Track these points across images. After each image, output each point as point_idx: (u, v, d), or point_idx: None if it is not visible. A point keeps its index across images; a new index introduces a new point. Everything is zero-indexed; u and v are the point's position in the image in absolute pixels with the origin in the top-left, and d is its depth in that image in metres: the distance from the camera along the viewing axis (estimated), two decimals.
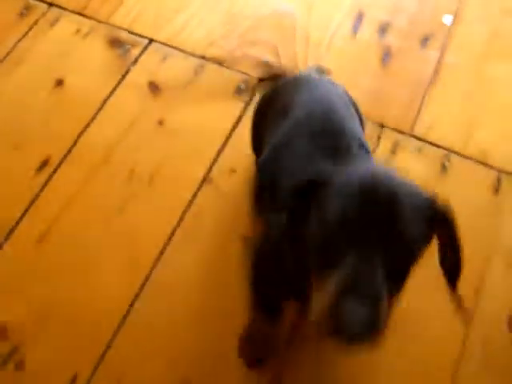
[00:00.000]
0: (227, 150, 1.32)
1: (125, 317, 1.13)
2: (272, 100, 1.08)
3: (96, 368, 1.08)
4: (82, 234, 1.20)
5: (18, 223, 1.21)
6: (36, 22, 1.48)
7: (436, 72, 1.47)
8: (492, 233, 1.24)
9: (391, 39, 1.52)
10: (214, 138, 1.33)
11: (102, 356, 1.09)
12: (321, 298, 0.63)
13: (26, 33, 1.46)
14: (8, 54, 1.43)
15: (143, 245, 1.19)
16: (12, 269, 1.16)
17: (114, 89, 1.39)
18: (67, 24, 1.49)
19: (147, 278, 1.16)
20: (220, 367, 1.07)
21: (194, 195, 1.25)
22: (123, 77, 1.42)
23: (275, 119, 0.97)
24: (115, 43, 1.47)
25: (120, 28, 1.50)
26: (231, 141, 1.33)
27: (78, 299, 1.14)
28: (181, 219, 1.22)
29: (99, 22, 1.51)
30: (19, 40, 1.45)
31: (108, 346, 1.10)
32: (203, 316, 1.13)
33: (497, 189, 1.29)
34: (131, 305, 1.14)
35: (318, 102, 0.94)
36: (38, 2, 1.52)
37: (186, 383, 1.06)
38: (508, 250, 1.22)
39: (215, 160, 1.30)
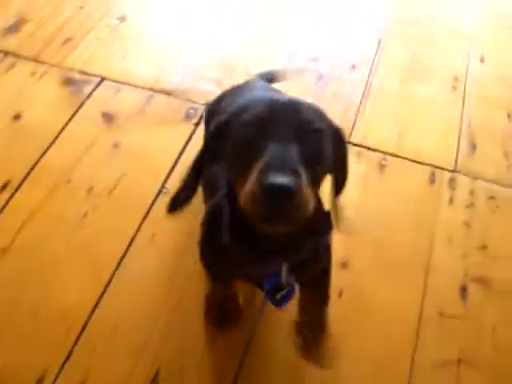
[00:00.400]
0: (179, 165, 1.40)
1: (89, 317, 1.15)
2: (219, 102, 1.18)
3: (63, 365, 1.09)
4: (43, 246, 1.24)
5: None
6: None
7: (366, 92, 1.61)
8: (432, 217, 1.34)
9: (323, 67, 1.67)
10: (167, 156, 1.41)
11: (70, 353, 1.10)
12: (247, 184, 0.67)
13: None
14: None
15: (104, 252, 1.23)
16: None
17: (70, 119, 1.47)
18: (22, 68, 1.58)
19: (110, 281, 1.20)
20: (188, 355, 1.10)
21: (151, 206, 1.31)
22: (77, 109, 1.50)
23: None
24: (69, 82, 1.56)
25: (73, 69, 1.59)
26: (183, 157, 1.41)
27: (42, 303, 1.17)
28: (138, 229, 1.27)
29: (53, 65, 1.60)
30: None
31: (75, 344, 1.11)
32: (165, 312, 1.16)
33: (432, 181, 1.40)
34: (95, 305, 1.16)
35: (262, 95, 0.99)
36: None
37: (154, 377, 1.08)
38: (447, 228, 1.31)
39: (169, 174, 1.37)
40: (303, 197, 0.65)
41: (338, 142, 0.77)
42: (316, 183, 0.71)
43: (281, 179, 0.62)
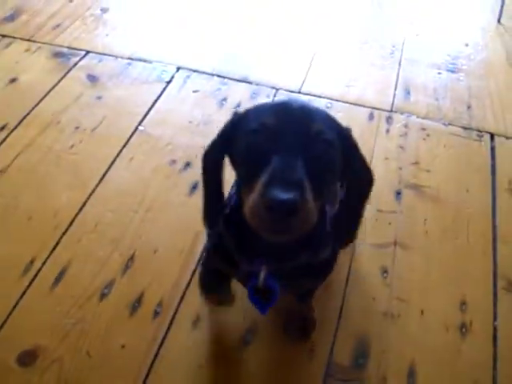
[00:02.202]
0: (153, 111, 1.58)
1: (76, 215, 1.30)
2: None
3: (50, 253, 1.23)
4: (37, 168, 1.40)
5: None
6: None
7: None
8: (370, 144, 1.52)
9: None
10: (143, 105, 1.59)
11: (57, 243, 1.25)
12: (252, 195, 0.65)
13: None
14: None
15: (90, 170, 1.40)
16: None
17: (59, 81, 1.66)
18: (18, 46, 1.78)
19: (94, 190, 1.36)
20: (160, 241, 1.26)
21: (129, 138, 1.49)
22: (66, 74, 1.69)
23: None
24: (58, 55, 1.75)
25: (62, 46, 1.79)
26: (157, 105, 1.59)
27: (36, 208, 1.32)
28: (118, 154, 1.45)
29: (44, 43, 1.80)
30: None
31: (61, 236, 1.26)
32: (139, 213, 1.32)
33: (371, 118, 1.59)
34: (82, 207, 1.32)
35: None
36: None
37: (131, 257, 1.23)
38: (384, 150, 1.50)
39: (144, 117, 1.56)
40: (306, 212, 0.63)
41: (349, 149, 0.74)
42: (321, 195, 0.69)
43: (284, 195, 0.61)
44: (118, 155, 1.44)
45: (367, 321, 1.15)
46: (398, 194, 1.40)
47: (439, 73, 1.79)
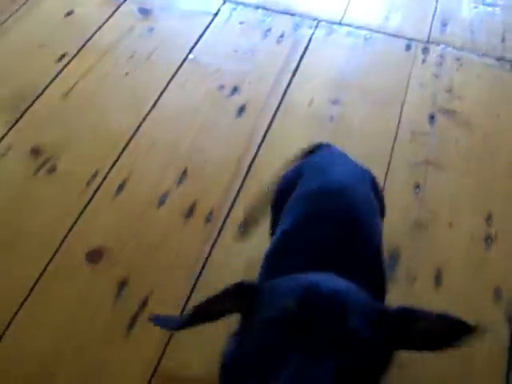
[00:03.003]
0: (202, 42, 1.66)
1: (133, 135, 1.42)
2: (294, 177, 0.95)
3: (111, 168, 1.35)
4: (97, 92, 1.51)
5: (46, 87, 1.52)
6: None
7: None
8: (407, 72, 1.59)
9: None
10: (193, 34, 1.68)
11: (116, 159, 1.37)
12: None
13: None
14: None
15: (145, 92, 1.52)
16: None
17: (112, 14, 1.75)
18: None
19: (150, 111, 1.47)
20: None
21: (180, 65, 1.58)
22: (118, 7, 1.78)
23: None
24: None
25: None
26: (204, 36, 1.68)
27: (96, 129, 1.44)
28: (171, 78, 1.55)
29: None
30: None
31: (121, 153, 1.38)
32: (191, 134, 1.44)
33: (408, 49, 1.66)
34: (138, 127, 1.44)
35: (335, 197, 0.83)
36: None
37: (184, 171, 1.34)
38: (419, 78, 1.57)
39: (193, 47, 1.64)
40: None
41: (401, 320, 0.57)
42: None
43: None
44: (170, 82, 1.54)
45: (398, 231, 1.25)
46: (432, 117, 1.47)
47: (475, 6, 1.83)
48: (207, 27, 1.71)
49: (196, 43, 1.65)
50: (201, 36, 1.68)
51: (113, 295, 1.14)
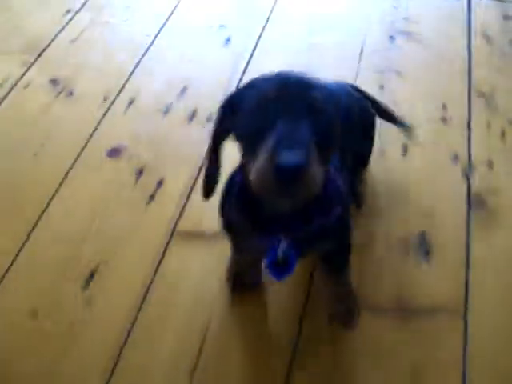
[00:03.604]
0: None
1: (137, 65, 1.63)
2: None
3: (122, 88, 1.56)
4: (99, 39, 1.73)
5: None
6: None
7: None
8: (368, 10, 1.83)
9: None
10: None
11: (126, 82, 1.58)
12: (257, 162, 0.65)
13: None
14: None
15: (141, 32, 1.72)
16: None
17: None
18: None
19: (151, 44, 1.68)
20: None
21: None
22: None
23: None
24: None
25: None
26: None
27: (103, 60, 1.66)
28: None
29: None
30: None
31: (129, 77, 1.59)
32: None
33: None
34: (139, 61, 1.64)
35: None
36: None
37: None
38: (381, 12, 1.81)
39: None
40: (313, 174, 0.63)
41: (346, 116, 0.74)
42: (325, 160, 0.68)
43: (291, 158, 0.60)
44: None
45: None
46: (392, 37, 1.71)
47: None
48: None
49: None
50: None
51: (133, 180, 1.34)
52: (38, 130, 1.45)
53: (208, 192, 0.83)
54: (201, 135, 1.42)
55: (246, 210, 0.82)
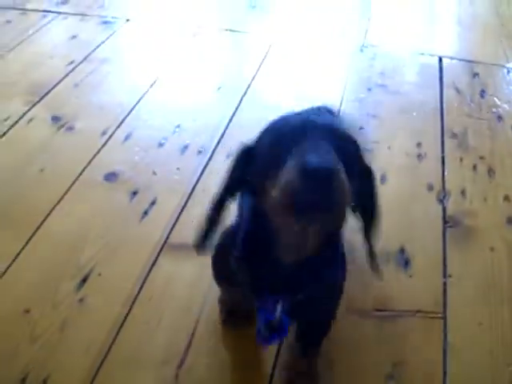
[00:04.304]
0: None
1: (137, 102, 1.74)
2: None
3: (120, 125, 1.67)
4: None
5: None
6: None
7: None
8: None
9: None
10: None
11: (123, 120, 1.69)
12: (280, 177, 0.60)
13: None
14: None
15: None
16: None
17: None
18: None
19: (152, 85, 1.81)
20: None
21: None
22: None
23: None
24: None
25: None
26: None
27: (101, 104, 1.76)
28: None
29: None
30: None
31: (128, 114, 1.70)
32: None
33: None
34: None
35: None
36: None
37: None
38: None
39: None
40: (342, 182, 0.58)
41: (367, 177, 0.71)
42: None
43: (319, 159, 0.56)
44: None
45: None
46: (369, 89, 1.84)
47: None
48: None
49: None
50: None
51: (127, 199, 1.41)
52: (40, 156, 1.53)
53: (203, 241, 0.77)
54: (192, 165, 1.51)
55: (247, 266, 0.76)
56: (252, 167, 0.68)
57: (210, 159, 1.54)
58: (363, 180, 0.68)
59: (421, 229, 1.34)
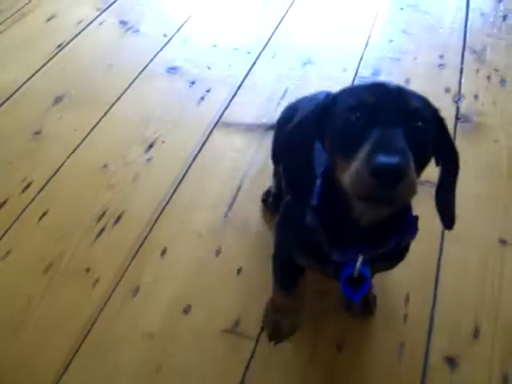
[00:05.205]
0: None
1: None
2: (290, 111, 1.10)
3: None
4: None
5: None
6: None
7: None
8: None
9: None
10: None
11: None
12: (353, 166, 0.62)
13: None
14: None
15: None
16: None
17: None
18: None
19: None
20: None
21: None
22: None
23: None
24: None
25: None
26: None
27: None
28: None
29: None
30: None
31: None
32: None
33: None
34: None
35: None
36: None
37: None
38: None
39: None
40: (411, 179, 0.60)
41: (441, 130, 0.71)
42: (418, 170, 0.65)
43: (391, 159, 0.58)
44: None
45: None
46: (401, 8, 2.02)
47: None
48: None
49: None
50: None
51: (186, 87, 1.65)
52: (109, 54, 1.76)
53: (302, 199, 0.78)
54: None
55: (326, 221, 0.76)
56: (329, 125, 0.70)
57: (257, 59, 1.74)
58: (444, 150, 0.72)
59: None
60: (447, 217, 0.76)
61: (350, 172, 0.62)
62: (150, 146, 1.45)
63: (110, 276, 1.17)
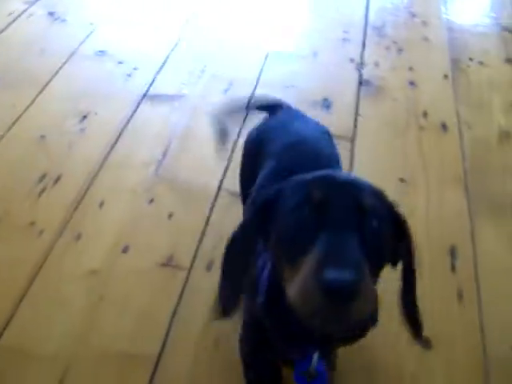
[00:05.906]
0: None
1: None
2: (259, 142, 1.00)
3: None
4: None
5: None
6: None
7: None
8: None
9: None
10: None
11: None
12: (299, 279, 0.55)
13: None
14: None
15: None
16: None
17: None
18: None
19: None
20: None
21: None
22: None
23: (263, 163, 0.92)
24: None
25: None
26: None
27: None
28: None
29: None
30: None
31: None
32: None
33: None
34: None
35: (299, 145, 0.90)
36: None
37: None
38: None
39: None
40: (367, 295, 0.53)
41: (398, 225, 0.63)
42: (376, 275, 0.59)
43: (343, 274, 0.51)
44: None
45: None
46: None
47: None
48: None
49: None
50: None
51: (114, 65, 1.78)
52: (40, 40, 1.87)
53: (231, 307, 0.68)
54: None
55: (275, 318, 0.70)
56: (272, 225, 0.63)
57: (179, 40, 1.89)
58: (400, 240, 0.64)
59: (340, 86, 1.74)
60: (415, 327, 0.68)
61: (295, 284, 0.56)
62: (84, 117, 1.57)
63: (54, 227, 1.27)
